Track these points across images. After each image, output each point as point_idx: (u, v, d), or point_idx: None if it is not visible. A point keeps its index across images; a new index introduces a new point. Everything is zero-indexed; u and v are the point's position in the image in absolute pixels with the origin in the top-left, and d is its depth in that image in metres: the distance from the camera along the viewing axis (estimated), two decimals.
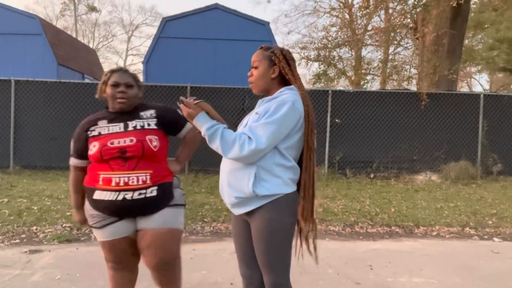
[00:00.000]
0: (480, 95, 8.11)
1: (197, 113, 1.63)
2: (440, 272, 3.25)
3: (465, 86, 30.55)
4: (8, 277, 2.93)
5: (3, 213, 4.63)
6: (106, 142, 1.84)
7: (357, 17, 13.21)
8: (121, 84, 1.91)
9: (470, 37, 18.35)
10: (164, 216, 1.88)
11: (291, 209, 1.66)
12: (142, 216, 1.87)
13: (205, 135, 1.60)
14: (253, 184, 1.59)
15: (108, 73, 1.98)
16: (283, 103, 1.58)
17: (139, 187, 1.80)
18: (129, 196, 1.79)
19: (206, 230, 4.34)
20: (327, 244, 3.96)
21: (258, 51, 1.76)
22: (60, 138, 7.69)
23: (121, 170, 1.80)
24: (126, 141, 1.83)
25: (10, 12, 14.03)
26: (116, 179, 1.79)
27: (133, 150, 1.81)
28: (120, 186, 1.79)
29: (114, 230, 1.87)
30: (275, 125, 1.55)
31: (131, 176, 1.79)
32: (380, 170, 7.94)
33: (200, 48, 13.10)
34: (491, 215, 5.21)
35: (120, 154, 1.80)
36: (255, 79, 1.74)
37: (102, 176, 1.83)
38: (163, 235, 1.86)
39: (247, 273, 1.82)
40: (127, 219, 1.87)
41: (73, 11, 30.73)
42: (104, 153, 1.82)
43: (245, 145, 1.53)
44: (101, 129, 1.91)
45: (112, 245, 1.90)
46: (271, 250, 1.65)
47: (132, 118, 1.93)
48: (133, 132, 1.87)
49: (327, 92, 7.98)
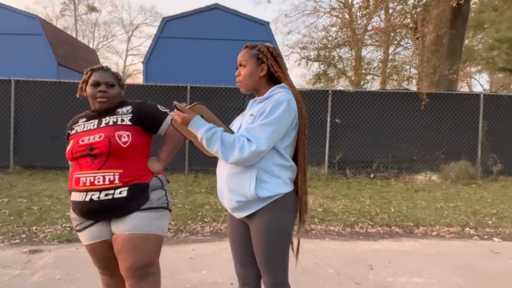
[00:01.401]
0: (480, 95, 8.12)
1: (193, 117, 1.56)
2: (440, 272, 3.25)
3: (465, 86, 30.54)
4: (8, 277, 2.93)
5: (3, 213, 4.63)
6: (78, 139, 1.79)
7: (357, 17, 13.22)
8: (101, 83, 1.84)
9: (470, 37, 18.34)
10: (135, 220, 1.73)
11: (290, 208, 1.67)
12: (114, 218, 1.75)
13: (203, 138, 1.55)
14: (255, 187, 1.57)
15: (89, 71, 1.90)
16: (278, 103, 1.57)
17: (105, 187, 1.70)
18: (96, 197, 1.69)
19: (206, 230, 4.34)
20: (327, 244, 3.96)
21: (244, 50, 1.74)
22: (60, 138, 7.69)
23: (89, 169, 1.71)
24: (95, 137, 1.74)
25: (10, 12, 14.03)
26: (83, 179, 1.72)
27: (100, 146, 1.71)
28: (87, 186, 1.71)
29: (91, 234, 1.79)
30: (273, 126, 1.54)
31: (97, 175, 1.70)
32: (380, 170, 7.94)
33: (200, 48, 13.11)
34: (491, 215, 5.21)
35: (88, 151, 1.72)
36: (243, 78, 1.71)
37: (74, 176, 1.77)
38: (134, 240, 1.72)
39: (243, 273, 1.81)
40: (102, 222, 1.77)
41: (73, 11, 30.76)
42: (74, 150, 1.76)
43: (245, 147, 1.51)
44: (78, 127, 1.86)
45: (92, 249, 1.82)
46: (271, 250, 1.65)
47: (109, 115, 1.85)
48: (103, 128, 1.78)
49: (327, 92, 7.98)
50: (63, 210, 4.80)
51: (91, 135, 1.76)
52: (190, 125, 1.57)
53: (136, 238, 1.72)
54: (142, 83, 9.22)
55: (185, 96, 7.86)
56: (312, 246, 3.83)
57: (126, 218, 1.74)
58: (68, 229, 4.15)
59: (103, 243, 1.80)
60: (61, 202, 5.22)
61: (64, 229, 4.17)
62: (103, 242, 1.80)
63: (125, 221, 1.74)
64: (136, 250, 1.72)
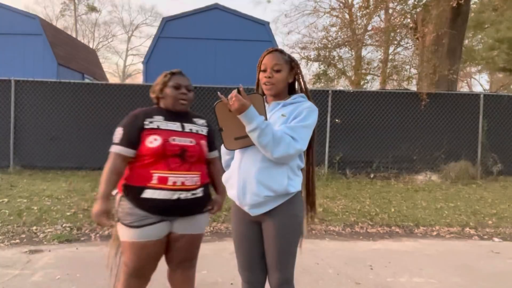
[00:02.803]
0: (480, 95, 8.12)
1: (250, 106, 1.57)
2: (440, 272, 3.25)
3: (465, 86, 30.53)
4: (8, 277, 2.93)
5: (3, 213, 4.63)
6: (167, 137, 1.85)
7: (357, 17, 13.22)
8: (182, 86, 1.98)
9: (470, 37, 18.35)
10: (202, 221, 1.99)
11: (301, 206, 1.80)
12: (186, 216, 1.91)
13: (257, 129, 1.55)
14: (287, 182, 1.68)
15: (168, 74, 2.01)
16: (312, 109, 1.71)
17: (193, 187, 1.88)
18: (184, 196, 1.85)
19: (206, 230, 4.34)
20: (327, 244, 3.96)
21: (278, 54, 1.76)
22: (60, 138, 7.70)
23: (179, 170, 1.83)
24: (186, 141, 1.90)
25: (10, 12, 14.04)
26: (174, 179, 1.82)
27: (192, 151, 1.89)
28: (177, 185, 1.82)
29: (150, 232, 1.83)
30: (310, 129, 1.69)
31: (187, 177, 1.86)
32: (380, 170, 7.94)
33: (200, 48, 13.11)
34: (491, 215, 5.21)
35: (180, 152, 1.85)
36: (277, 81, 1.75)
37: (157, 175, 1.81)
38: (197, 239, 2.01)
39: (251, 279, 1.81)
40: (165, 222, 1.86)
41: (73, 11, 30.71)
42: (167, 148, 1.82)
43: (291, 145, 1.60)
44: (160, 124, 1.90)
45: (143, 247, 1.83)
46: (286, 246, 1.71)
47: (187, 121, 2.00)
48: (191, 134, 1.94)
49: (327, 92, 7.97)
50: (63, 210, 4.80)
51: (182, 137, 1.90)
52: (245, 113, 1.56)
53: (199, 237, 2.01)
54: (142, 83, 9.21)
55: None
56: (312, 246, 3.83)
57: (195, 218, 1.95)
58: (68, 229, 4.15)
59: (156, 242, 1.86)
60: (61, 202, 5.22)
61: (64, 229, 4.17)
62: (156, 241, 1.86)
63: (193, 220, 1.94)
64: (195, 247, 2.02)
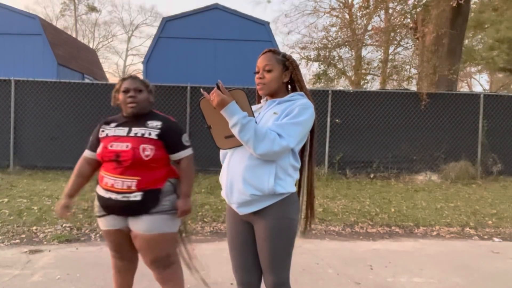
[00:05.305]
0: (480, 95, 8.11)
1: (231, 101, 1.57)
2: (440, 272, 3.25)
3: (465, 86, 30.54)
4: (8, 277, 2.93)
5: (3, 213, 4.63)
6: (107, 144, 2.01)
7: (357, 17, 13.23)
8: (130, 90, 2.05)
9: (470, 37, 18.34)
10: (151, 222, 1.98)
11: (296, 208, 1.73)
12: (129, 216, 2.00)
13: (238, 124, 1.55)
14: (274, 182, 1.62)
15: (120, 81, 2.13)
16: (306, 107, 1.65)
17: (123, 191, 1.94)
18: (114, 197, 1.95)
19: (206, 230, 4.34)
20: (327, 244, 3.96)
21: (270, 54, 1.76)
22: (60, 138, 7.70)
23: (111, 173, 1.96)
24: (123, 146, 1.96)
25: (10, 12, 14.02)
26: (106, 180, 1.98)
27: (125, 155, 1.93)
28: (108, 186, 1.97)
29: (108, 222, 2.05)
30: (301, 127, 1.62)
31: (117, 180, 1.94)
32: (380, 170, 7.94)
33: (200, 48, 13.09)
34: (491, 215, 5.21)
35: (114, 157, 1.95)
36: (268, 81, 1.75)
37: (100, 174, 2.04)
38: (151, 239, 1.99)
39: (247, 280, 1.79)
40: (116, 216, 2.02)
41: (73, 11, 30.72)
42: (103, 154, 2.00)
43: (276, 141, 1.55)
44: (109, 131, 2.07)
45: (108, 234, 2.09)
46: (278, 248, 1.66)
47: (138, 124, 2.04)
48: (132, 138, 1.98)
49: (327, 92, 7.97)
50: None
51: (120, 143, 1.98)
52: (226, 108, 1.56)
53: (153, 237, 1.99)
54: None
55: (185, 96, 7.86)
56: (312, 246, 3.83)
57: (142, 218, 1.97)
58: (68, 229, 4.15)
59: (117, 231, 2.05)
60: None
61: (64, 229, 4.17)
62: (117, 230, 2.05)
63: (141, 221, 1.98)
64: (154, 247, 2.01)
